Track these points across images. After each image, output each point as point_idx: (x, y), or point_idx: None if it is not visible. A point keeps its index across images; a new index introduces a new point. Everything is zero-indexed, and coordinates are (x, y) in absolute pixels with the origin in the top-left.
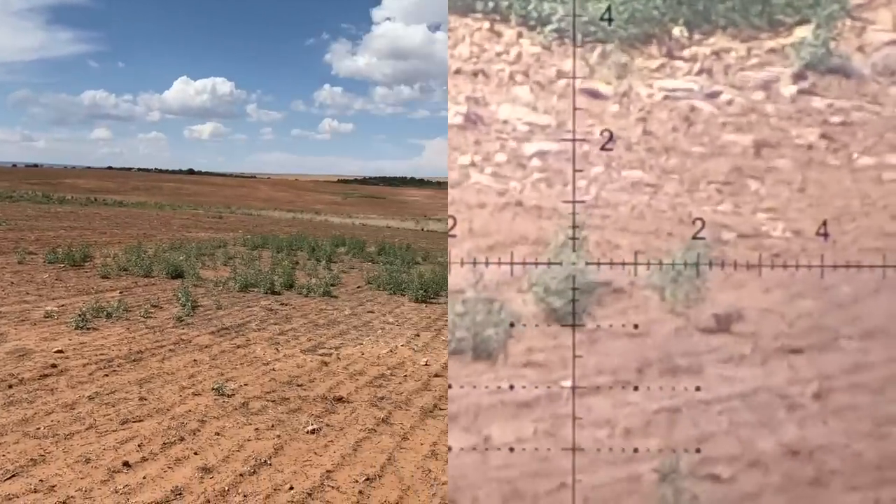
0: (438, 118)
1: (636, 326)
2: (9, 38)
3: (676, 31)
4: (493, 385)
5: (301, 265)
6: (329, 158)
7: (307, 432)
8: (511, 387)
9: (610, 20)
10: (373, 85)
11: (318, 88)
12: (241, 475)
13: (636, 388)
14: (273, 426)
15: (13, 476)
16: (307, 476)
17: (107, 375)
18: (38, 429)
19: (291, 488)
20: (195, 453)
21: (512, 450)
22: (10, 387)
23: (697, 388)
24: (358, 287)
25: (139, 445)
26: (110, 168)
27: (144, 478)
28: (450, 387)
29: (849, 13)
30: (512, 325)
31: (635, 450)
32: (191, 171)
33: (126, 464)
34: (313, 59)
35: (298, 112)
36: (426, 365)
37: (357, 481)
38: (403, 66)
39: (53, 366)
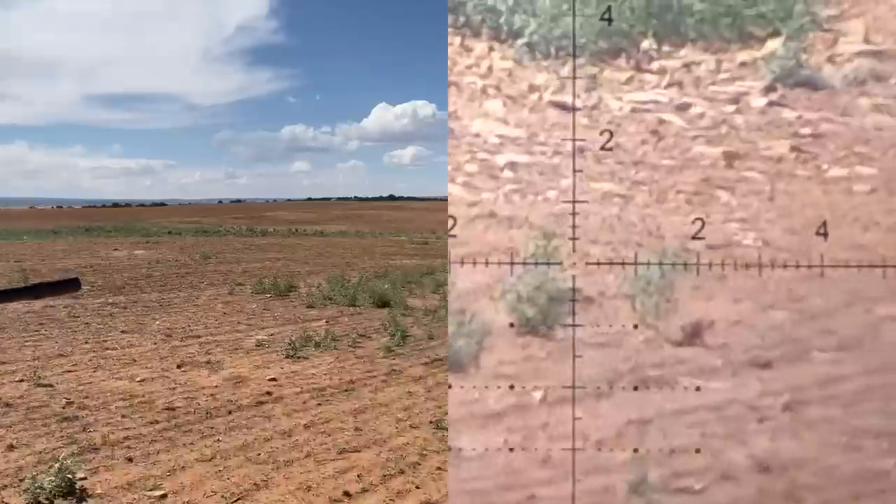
0: None
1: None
2: (212, 83)
3: (646, 43)
4: (464, 396)
5: None
6: None
7: None
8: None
9: (610, 20)
10: None
11: None
12: None
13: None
14: None
15: (239, 499)
16: None
17: (320, 404)
18: (259, 454)
19: None
20: (417, 487)
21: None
22: (230, 412)
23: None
24: None
25: (358, 476)
26: (310, 199)
27: None
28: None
29: (820, 25)
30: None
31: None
32: (392, 197)
33: (347, 494)
34: None
35: None
36: None
37: None
38: None
39: (268, 393)
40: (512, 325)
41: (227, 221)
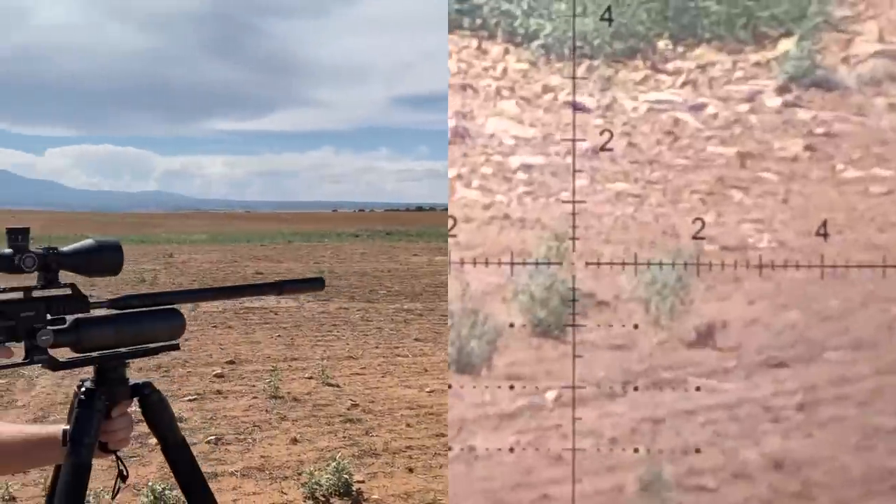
0: None
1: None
2: None
3: (661, 44)
4: (477, 397)
5: None
6: None
7: None
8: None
9: (610, 20)
10: None
11: None
12: None
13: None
14: None
15: None
16: None
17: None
18: None
19: None
20: None
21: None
22: None
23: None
24: None
25: None
26: None
27: None
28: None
29: (834, 25)
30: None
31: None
32: None
33: None
34: None
35: None
36: None
37: None
38: None
39: None
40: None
41: None
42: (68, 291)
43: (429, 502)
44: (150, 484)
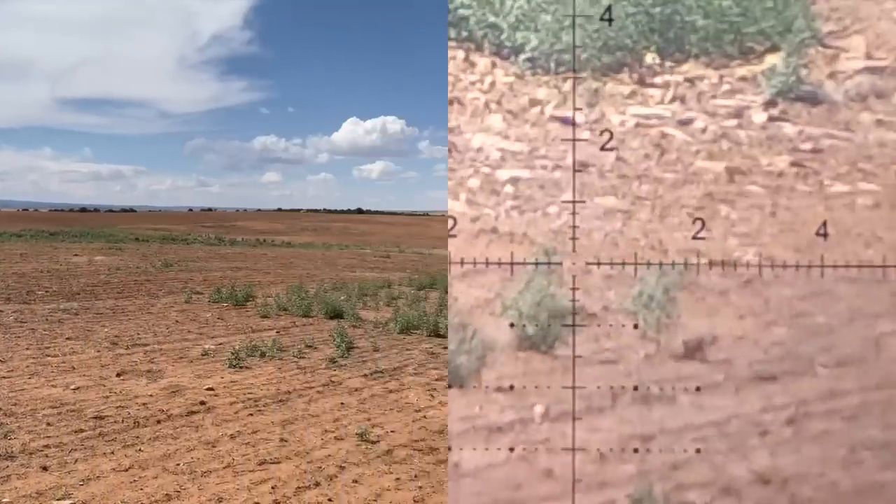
0: None
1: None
2: (186, 91)
3: (649, 58)
4: (465, 411)
5: None
6: None
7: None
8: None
9: (610, 20)
10: None
11: None
12: None
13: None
14: (416, 476)
15: None
16: None
17: (251, 415)
18: (178, 465)
19: None
20: (329, 500)
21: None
22: (159, 422)
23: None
24: None
25: (273, 487)
26: (280, 210)
27: None
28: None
29: (820, 41)
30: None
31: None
32: (360, 211)
33: None
34: None
35: None
36: None
37: None
38: None
39: (202, 403)
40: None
41: (196, 230)
42: None
43: (59, 497)
44: None
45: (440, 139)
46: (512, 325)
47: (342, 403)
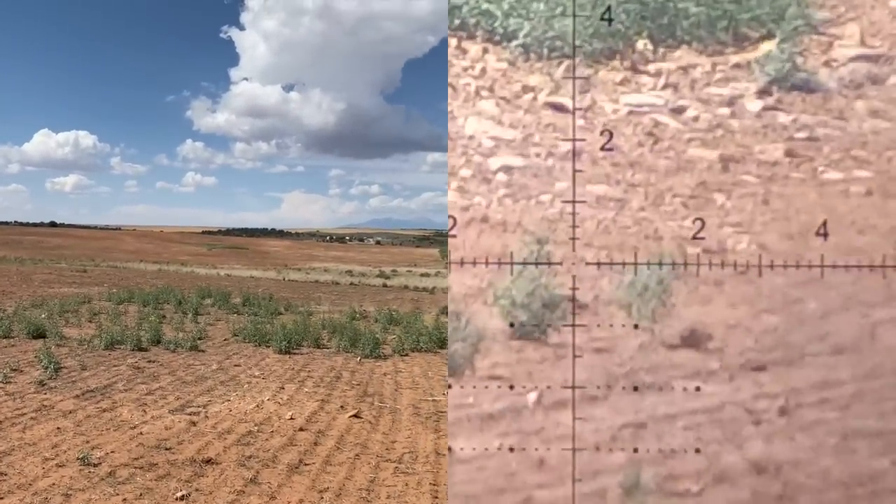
0: (295, 173)
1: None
2: None
3: (640, 45)
4: (460, 399)
5: (168, 319)
6: (193, 210)
7: (176, 499)
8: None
9: (610, 20)
10: (232, 141)
11: (180, 143)
12: None
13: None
14: (141, 495)
15: None
16: None
17: None
18: None
19: None
20: None
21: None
22: None
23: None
24: (224, 340)
25: None
26: None
27: None
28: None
29: (815, 28)
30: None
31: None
32: (53, 224)
33: None
34: (175, 114)
35: (162, 165)
36: (291, 419)
37: None
38: (261, 124)
39: None
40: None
41: None
42: None
43: None
44: None
45: (131, 156)
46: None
47: (58, 428)
